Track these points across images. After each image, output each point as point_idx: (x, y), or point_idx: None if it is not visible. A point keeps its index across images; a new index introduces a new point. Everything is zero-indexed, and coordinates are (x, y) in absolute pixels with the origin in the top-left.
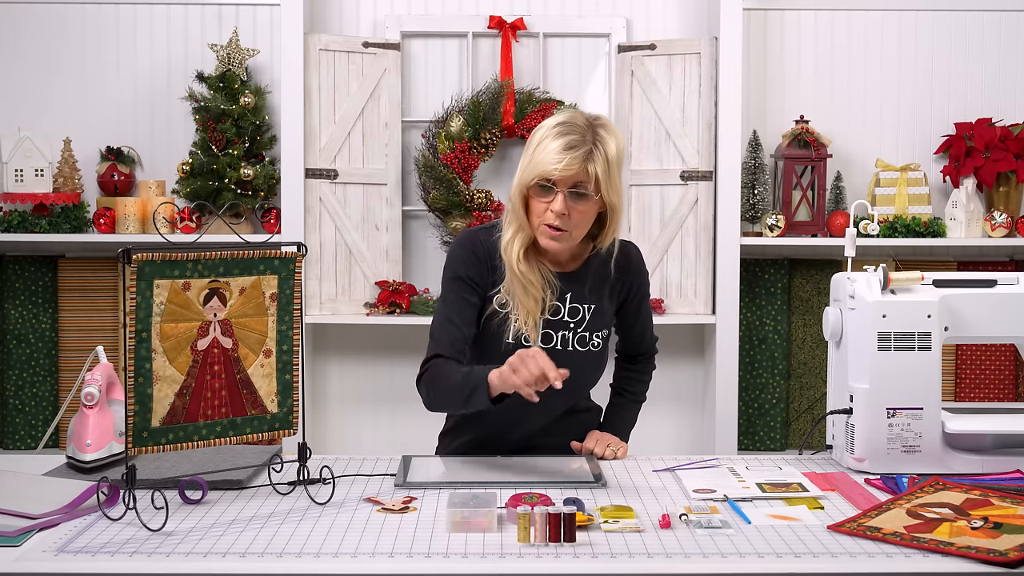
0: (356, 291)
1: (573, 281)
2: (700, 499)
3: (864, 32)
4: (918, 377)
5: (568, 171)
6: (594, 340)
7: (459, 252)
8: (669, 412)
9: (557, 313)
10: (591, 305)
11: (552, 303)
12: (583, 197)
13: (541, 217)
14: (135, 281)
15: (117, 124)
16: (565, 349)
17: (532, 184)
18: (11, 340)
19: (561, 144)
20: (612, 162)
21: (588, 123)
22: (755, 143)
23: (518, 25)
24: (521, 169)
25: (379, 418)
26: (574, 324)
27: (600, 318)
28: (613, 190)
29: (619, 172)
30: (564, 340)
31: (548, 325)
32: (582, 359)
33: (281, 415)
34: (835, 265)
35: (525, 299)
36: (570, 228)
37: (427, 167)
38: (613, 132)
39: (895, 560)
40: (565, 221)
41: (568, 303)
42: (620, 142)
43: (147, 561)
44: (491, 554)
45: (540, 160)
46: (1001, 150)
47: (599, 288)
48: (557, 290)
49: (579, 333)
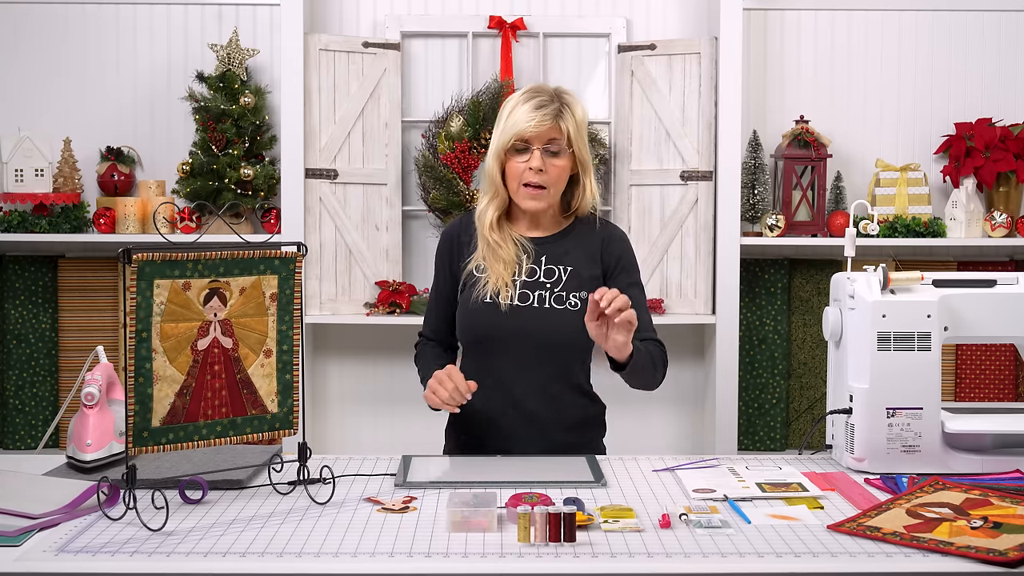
0: (356, 291)
1: (549, 244)
2: (700, 499)
3: (864, 32)
4: (918, 377)
5: (542, 126)
6: (571, 300)
7: (441, 240)
8: (669, 412)
9: (533, 275)
10: (568, 267)
11: (528, 266)
12: (557, 154)
13: (520, 178)
14: (135, 281)
15: (117, 124)
16: (542, 307)
17: (508, 146)
18: (11, 340)
19: (532, 104)
20: (580, 122)
21: (553, 90)
22: (755, 143)
23: (518, 25)
24: (496, 136)
25: (379, 418)
26: (550, 284)
27: (577, 279)
28: (583, 146)
29: (585, 134)
30: (541, 299)
31: (525, 286)
32: (559, 315)
33: (281, 415)
34: (835, 265)
35: (495, 264)
36: (548, 184)
37: (427, 167)
38: (577, 99)
39: (895, 560)
40: (543, 177)
41: (544, 264)
42: (584, 109)
43: (147, 561)
44: (491, 554)
45: (514, 122)
46: (1001, 150)
47: (578, 253)
48: (532, 253)
49: (555, 292)
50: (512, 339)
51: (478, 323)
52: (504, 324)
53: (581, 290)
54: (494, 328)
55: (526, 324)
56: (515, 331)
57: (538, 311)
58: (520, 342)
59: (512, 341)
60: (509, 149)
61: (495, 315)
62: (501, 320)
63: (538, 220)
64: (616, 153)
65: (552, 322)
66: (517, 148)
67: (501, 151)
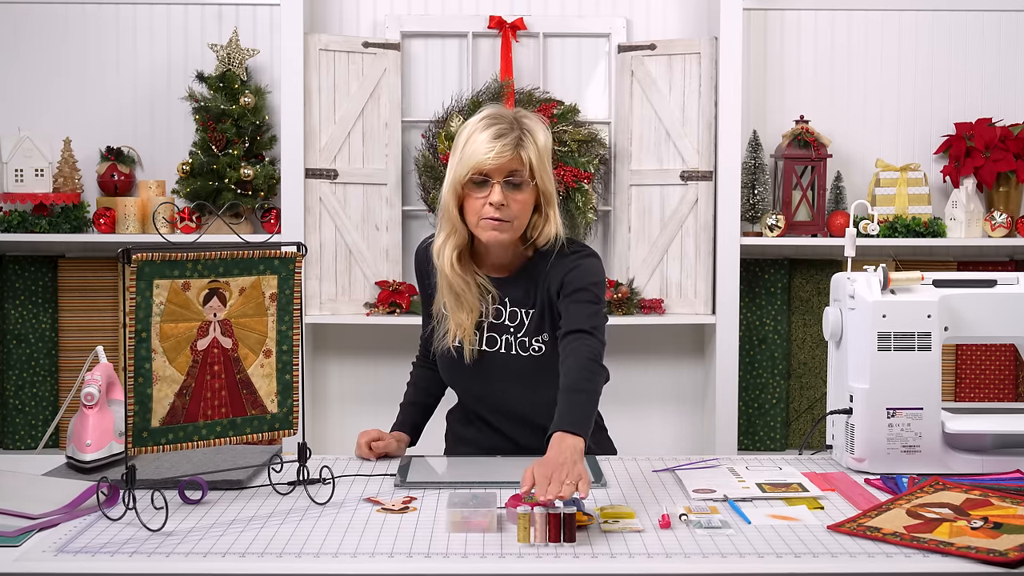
0: (356, 291)
1: (511, 286)
2: (700, 499)
3: (864, 32)
4: (918, 377)
5: (501, 158)
6: (535, 345)
7: (415, 260)
8: (669, 412)
9: (499, 316)
10: (529, 310)
11: (494, 307)
12: (519, 187)
13: (479, 213)
14: (135, 281)
15: (117, 124)
16: (508, 353)
17: (466, 180)
18: (11, 340)
19: (490, 134)
20: (543, 149)
21: (513, 115)
22: (755, 143)
23: (518, 25)
24: (452, 168)
25: (379, 418)
26: (514, 328)
27: (541, 321)
28: (547, 177)
29: (549, 162)
30: (508, 344)
31: (492, 328)
32: (524, 363)
33: (281, 415)
34: (835, 265)
35: (457, 311)
36: (511, 218)
37: (427, 167)
38: (539, 123)
39: (895, 560)
40: (505, 212)
41: (508, 306)
42: (547, 133)
43: (147, 561)
44: (491, 554)
45: (471, 153)
46: (1001, 150)
47: (539, 291)
48: (496, 297)
49: (519, 338)
50: (484, 387)
51: (447, 372)
52: (472, 374)
53: (543, 332)
54: (463, 379)
55: (495, 372)
56: (485, 380)
57: (504, 358)
58: (493, 389)
59: (485, 388)
60: (467, 183)
61: (461, 367)
62: (468, 371)
63: (500, 254)
64: (616, 153)
65: (518, 369)
66: (475, 181)
67: (458, 184)
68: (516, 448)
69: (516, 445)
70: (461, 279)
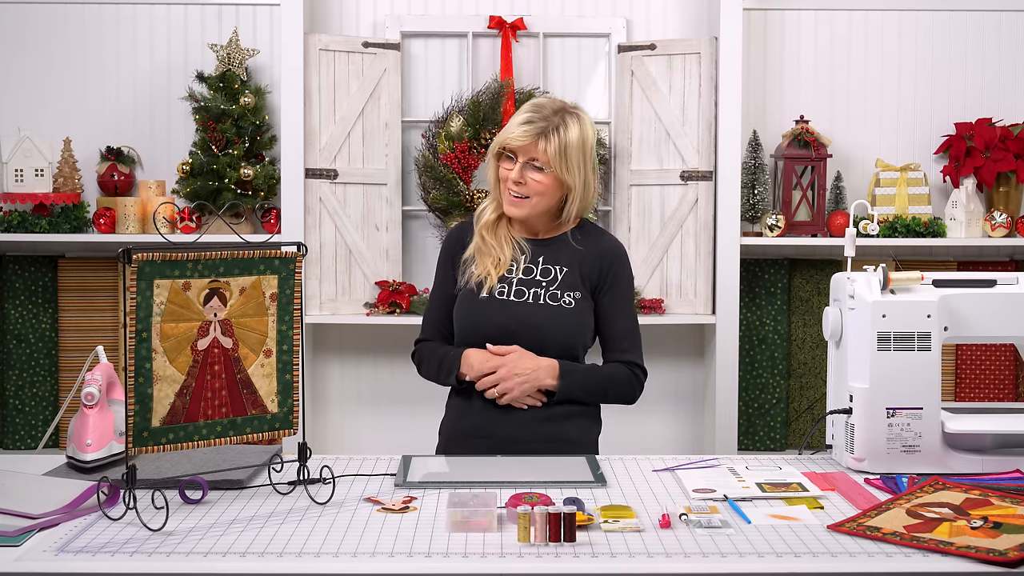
0: (356, 291)
1: (547, 247)
2: (700, 499)
3: (864, 32)
4: (918, 377)
5: (520, 142)
6: (566, 298)
7: (447, 238)
8: (669, 412)
9: (530, 273)
10: (563, 268)
11: (526, 264)
12: (541, 169)
13: (504, 183)
14: (135, 281)
15: (117, 124)
16: (536, 303)
17: (498, 152)
18: (11, 340)
19: (522, 119)
20: (570, 145)
21: (558, 108)
22: (755, 143)
23: (518, 25)
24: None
25: (379, 418)
26: (546, 283)
27: (573, 280)
28: (569, 172)
29: (580, 156)
30: (536, 296)
31: (521, 283)
32: (553, 312)
33: (281, 415)
34: (835, 265)
35: (482, 260)
36: (529, 195)
37: (427, 167)
38: (581, 120)
39: (895, 560)
40: (523, 188)
41: (541, 264)
42: (586, 131)
43: (147, 561)
44: (491, 554)
45: (505, 129)
46: (1001, 150)
47: (575, 258)
48: (529, 253)
49: (551, 290)
50: (502, 334)
51: (467, 307)
52: (496, 318)
53: (575, 290)
54: (481, 317)
55: (523, 318)
56: (506, 325)
57: (532, 307)
58: (512, 337)
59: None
60: (499, 154)
61: (483, 303)
62: (491, 307)
63: (532, 225)
64: (616, 153)
65: (545, 317)
66: (505, 156)
67: (494, 156)
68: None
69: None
70: (493, 238)
